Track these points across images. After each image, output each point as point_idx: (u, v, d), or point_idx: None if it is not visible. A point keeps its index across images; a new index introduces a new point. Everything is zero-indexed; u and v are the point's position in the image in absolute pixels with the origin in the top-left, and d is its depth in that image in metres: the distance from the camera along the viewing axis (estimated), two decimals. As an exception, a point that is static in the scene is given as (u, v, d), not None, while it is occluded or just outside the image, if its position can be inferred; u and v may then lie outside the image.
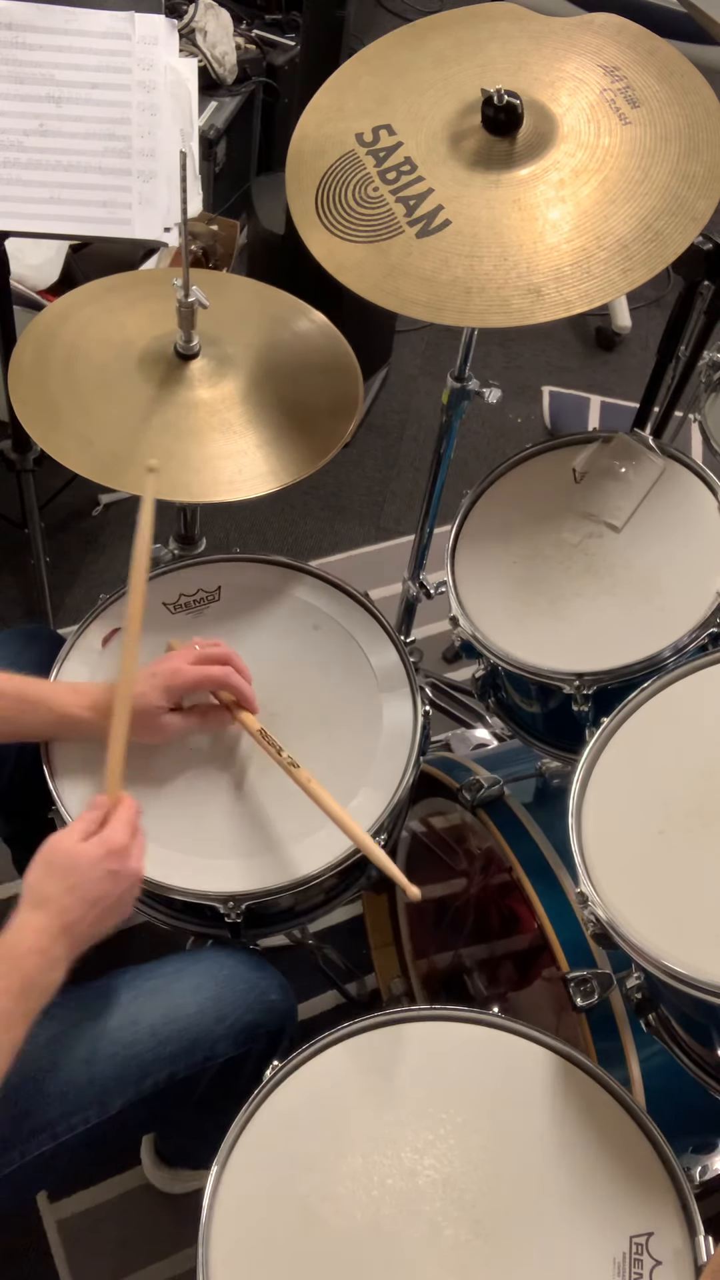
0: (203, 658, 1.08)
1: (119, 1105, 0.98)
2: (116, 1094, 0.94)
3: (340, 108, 1.15)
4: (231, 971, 1.05)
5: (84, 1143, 0.97)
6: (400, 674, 1.18)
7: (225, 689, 1.09)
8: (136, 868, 0.94)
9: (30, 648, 1.21)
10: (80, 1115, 0.95)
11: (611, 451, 1.27)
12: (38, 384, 1.19)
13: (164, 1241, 1.44)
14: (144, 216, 1.40)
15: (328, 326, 1.31)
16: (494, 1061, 0.94)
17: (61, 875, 0.90)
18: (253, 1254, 0.84)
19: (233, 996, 1.03)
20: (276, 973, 1.09)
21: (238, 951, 1.10)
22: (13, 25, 1.38)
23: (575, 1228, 0.85)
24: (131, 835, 0.94)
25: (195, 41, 2.38)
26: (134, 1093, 0.97)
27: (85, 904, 0.90)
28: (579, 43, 1.13)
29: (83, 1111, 0.95)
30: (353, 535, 2.30)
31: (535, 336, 2.78)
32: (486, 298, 1.02)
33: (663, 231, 1.01)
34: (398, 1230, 0.85)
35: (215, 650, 1.10)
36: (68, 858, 0.91)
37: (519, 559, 1.24)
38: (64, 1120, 0.94)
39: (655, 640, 1.11)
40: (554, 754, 1.30)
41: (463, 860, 1.38)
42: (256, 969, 1.07)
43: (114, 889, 0.91)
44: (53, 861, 0.91)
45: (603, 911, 0.89)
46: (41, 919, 0.88)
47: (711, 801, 0.92)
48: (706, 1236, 0.84)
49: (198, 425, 1.17)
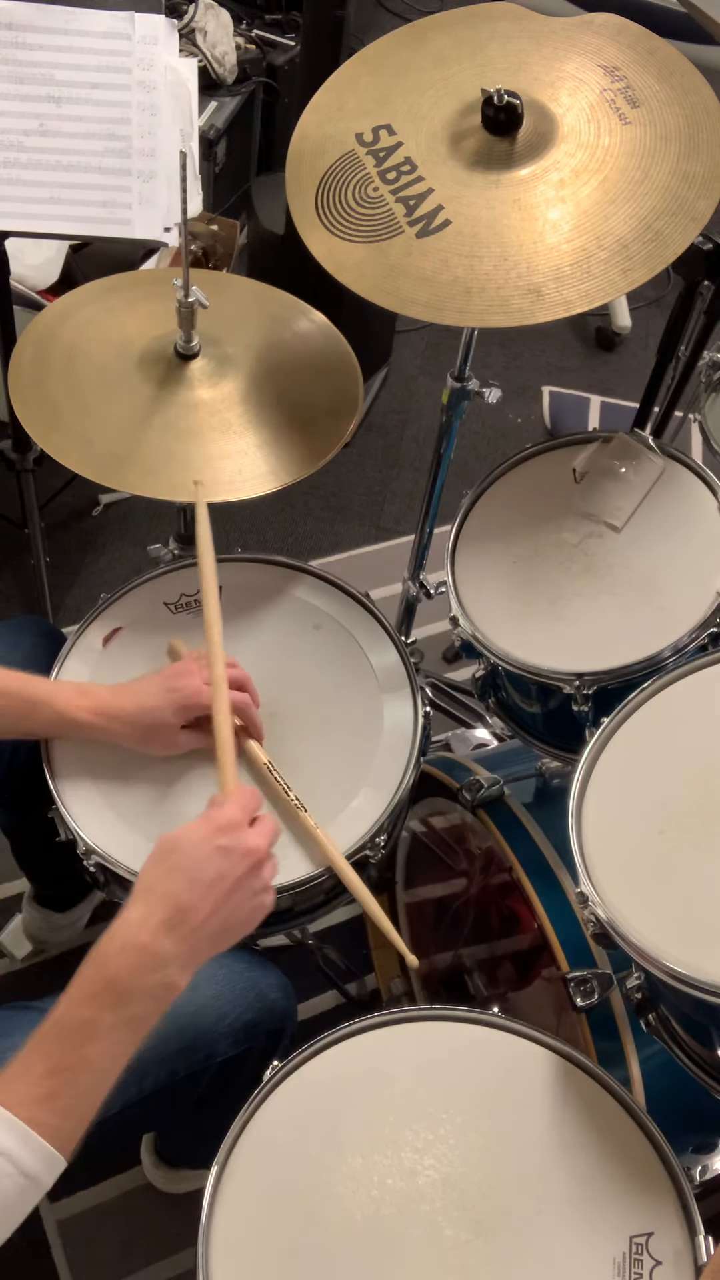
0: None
1: (119, 1104, 0.97)
2: (117, 1093, 0.94)
3: (340, 108, 1.15)
4: (231, 970, 1.05)
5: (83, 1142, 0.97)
6: (401, 674, 1.18)
7: (240, 716, 1.08)
8: (256, 845, 0.84)
9: (24, 639, 1.21)
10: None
11: (611, 451, 1.27)
12: (38, 384, 1.19)
13: (164, 1241, 1.44)
14: (144, 216, 1.40)
15: (328, 326, 1.31)
16: (494, 1061, 0.94)
17: (163, 857, 0.83)
18: (253, 1254, 0.84)
19: (233, 995, 1.03)
20: (277, 971, 1.09)
21: (237, 950, 1.10)
22: (13, 25, 1.38)
23: (575, 1228, 0.85)
24: (246, 812, 0.87)
25: (195, 41, 2.38)
26: (134, 1092, 0.97)
27: (194, 886, 0.81)
28: (579, 43, 1.13)
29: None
30: (353, 535, 2.30)
31: (535, 336, 2.78)
32: (486, 298, 1.02)
33: (663, 231, 1.01)
34: (398, 1230, 0.85)
35: (234, 672, 1.08)
36: (172, 840, 0.84)
37: (519, 559, 1.24)
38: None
39: (655, 640, 1.11)
40: (554, 754, 1.30)
41: (463, 860, 1.38)
42: (257, 967, 1.07)
43: (229, 868, 0.82)
44: (159, 849, 0.84)
45: (603, 911, 0.89)
46: (140, 911, 0.81)
47: (711, 801, 0.92)
48: (706, 1236, 0.84)
49: (198, 425, 1.17)
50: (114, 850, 1.05)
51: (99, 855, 1.04)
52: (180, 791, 1.09)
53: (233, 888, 0.83)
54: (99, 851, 1.04)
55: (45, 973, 1.63)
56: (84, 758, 1.09)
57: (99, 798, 1.08)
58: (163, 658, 1.17)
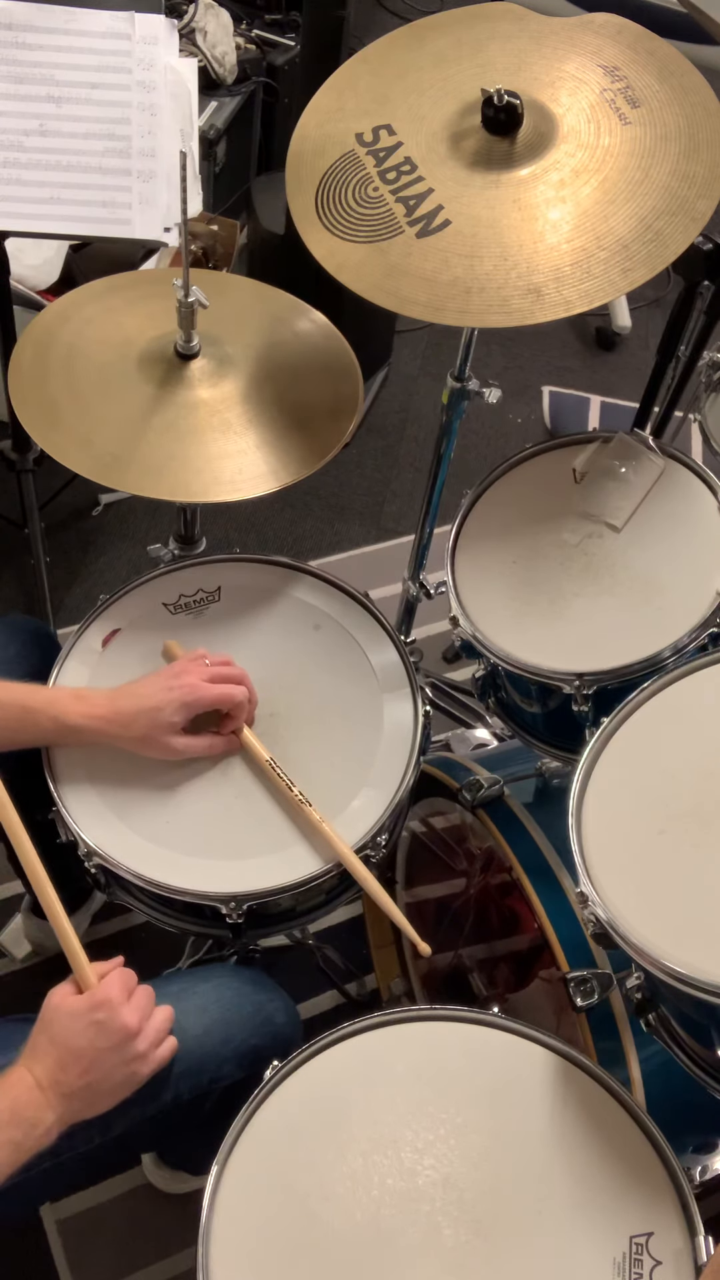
0: (218, 675, 1.08)
1: (121, 1127, 0.96)
2: (119, 1115, 0.92)
3: (340, 108, 1.15)
4: (237, 993, 1.04)
5: (85, 1162, 0.96)
6: (401, 674, 1.18)
7: (240, 710, 1.09)
8: (127, 1021, 0.90)
9: (13, 640, 1.20)
10: (83, 1136, 0.93)
11: (611, 451, 1.27)
12: (38, 384, 1.19)
13: (164, 1241, 1.44)
14: (144, 216, 1.40)
15: (328, 326, 1.31)
16: (494, 1061, 0.94)
17: (44, 1027, 0.90)
18: (253, 1254, 0.84)
19: (239, 1019, 1.03)
20: (282, 993, 1.08)
21: (242, 971, 1.09)
22: (13, 25, 1.38)
23: (575, 1228, 0.85)
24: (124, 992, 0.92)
25: (195, 41, 2.38)
26: (137, 1114, 0.96)
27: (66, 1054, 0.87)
28: (579, 43, 1.13)
29: (85, 1132, 0.93)
30: (353, 535, 2.30)
31: (535, 336, 2.78)
32: (486, 298, 1.02)
33: (663, 231, 1.01)
34: (397, 1230, 0.85)
35: (231, 670, 1.09)
36: (51, 1011, 0.90)
37: (519, 559, 1.24)
38: (65, 1141, 0.91)
39: (655, 640, 1.11)
40: (554, 754, 1.30)
41: (463, 860, 1.38)
42: (262, 990, 1.07)
43: (101, 1040, 0.88)
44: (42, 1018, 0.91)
45: (603, 911, 0.89)
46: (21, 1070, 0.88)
47: (711, 801, 0.92)
48: (706, 1236, 0.84)
49: (198, 425, 1.17)
50: (115, 852, 1.05)
51: (100, 857, 1.04)
52: (180, 791, 1.09)
53: (102, 1055, 0.89)
54: (100, 853, 1.04)
55: (45, 973, 1.63)
56: (84, 760, 1.09)
57: (99, 799, 1.08)
58: (161, 659, 1.17)
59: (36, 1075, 0.87)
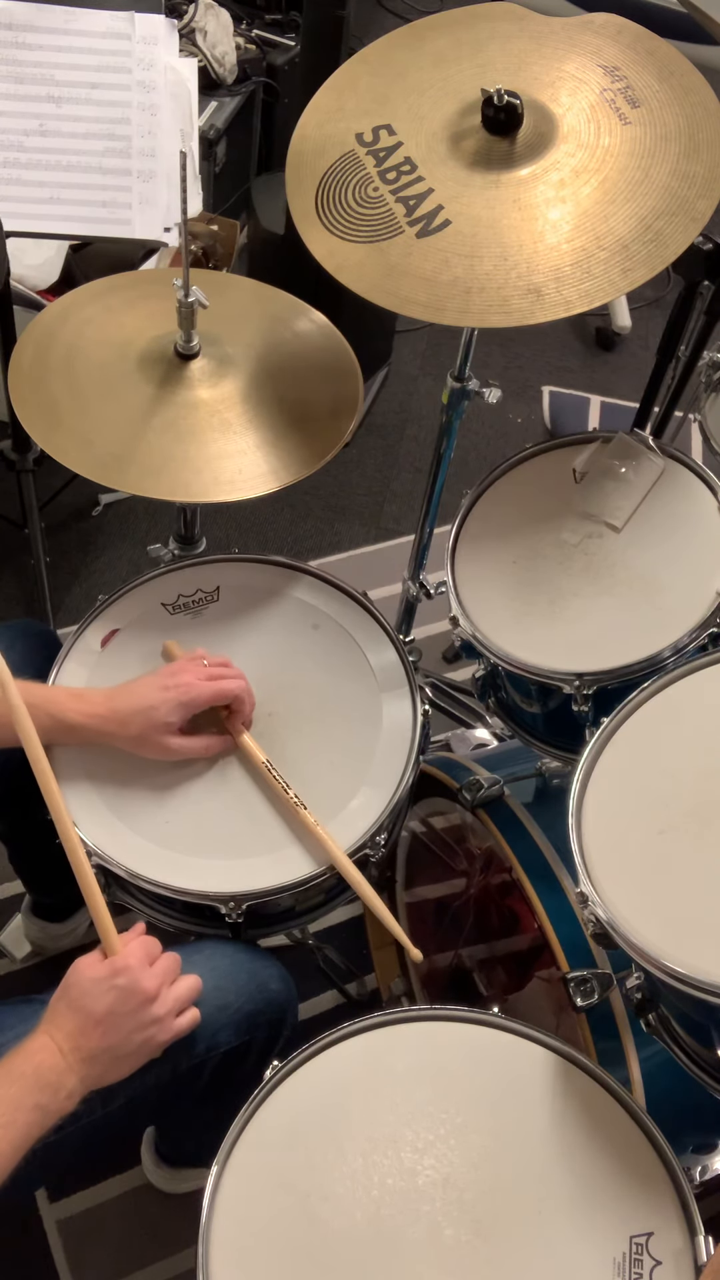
0: (215, 676, 1.08)
1: (122, 1098, 0.97)
2: (119, 1086, 0.94)
3: (340, 108, 1.15)
4: (232, 961, 1.06)
5: (86, 1136, 0.97)
6: (400, 673, 1.18)
7: (237, 705, 1.09)
8: (147, 986, 0.91)
9: (17, 643, 1.21)
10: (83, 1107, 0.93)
11: (611, 451, 1.27)
12: (38, 384, 1.19)
13: (164, 1241, 1.44)
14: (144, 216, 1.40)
15: (328, 326, 1.31)
16: (494, 1061, 0.94)
17: (64, 992, 0.91)
18: (253, 1254, 0.84)
19: (234, 986, 1.04)
20: (276, 962, 1.09)
21: (238, 942, 1.09)
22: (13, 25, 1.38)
23: (575, 1227, 0.85)
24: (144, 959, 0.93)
25: (195, 41, 2.38)
26: (137, 1085, 0.96)
27: (86, 1018, 0.89)
28: (579, 43, 1.13)
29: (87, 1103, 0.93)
30: (353, 535, 2.30)
31: (535, 336, 2.78)
32: (486, 298, 1.02)
33: (663, 231, 1.01)
34: (397, 1230, 0.85)
35: (228, 671, 1.10)
36: (73, 973, 0.92)
37: (519, 559, 1.24)
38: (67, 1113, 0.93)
39: (655, 640, 1.11)
40: (554, 754, 1.30)
41: (463, 860, 1.38)
42: (257, 958, 1.08)
43: (120, 1004, 0.90)
44: (65, 983, 0.92)
45: (603, 911, 0.89)
46: (43, 1037, 0.89)
47: (711, 801, 0.92)
48: (706, 1236, 0.84)
49: (198, 425, 1.17)
50: (114, 851, 1.05)
51: (100, 857, 1.04)
52: (179, 792, 1.09)
53: (123, 1019, 0.90)
54: (100, 853, 1.04)
55: (45, 973, 1.63)
56: (83, 760, 1.09)
57: (98, 799, 1.08)
58: (160, 658, 1.17)
59: (58, 1040, 0.88)
